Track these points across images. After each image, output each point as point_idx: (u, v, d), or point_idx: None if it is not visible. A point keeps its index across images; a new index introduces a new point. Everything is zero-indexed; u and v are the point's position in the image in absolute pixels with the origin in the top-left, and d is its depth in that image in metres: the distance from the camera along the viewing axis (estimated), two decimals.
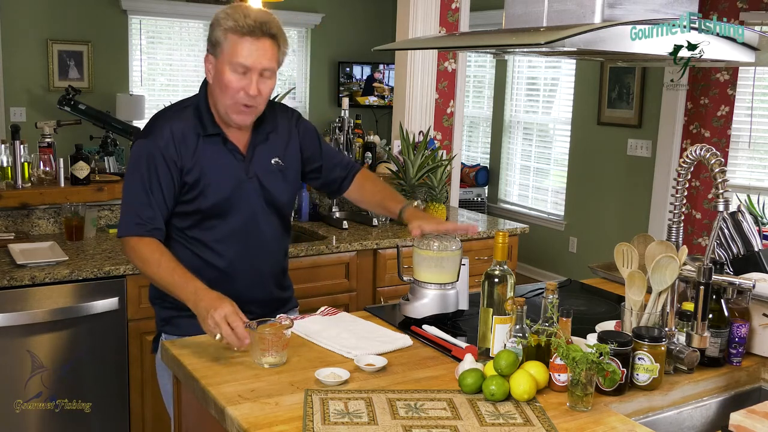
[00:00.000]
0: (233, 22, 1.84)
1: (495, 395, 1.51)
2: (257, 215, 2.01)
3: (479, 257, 3.32)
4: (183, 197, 1.94)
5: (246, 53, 1.84)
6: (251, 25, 1.83)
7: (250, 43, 1.84)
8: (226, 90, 1.87)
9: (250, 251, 2.02)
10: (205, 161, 1.93)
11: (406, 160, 3.52)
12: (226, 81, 1.86)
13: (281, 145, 2.06)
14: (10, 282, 2.45)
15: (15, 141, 3.02)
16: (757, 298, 1.83)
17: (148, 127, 1.96)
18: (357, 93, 7.50)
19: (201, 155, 1.93)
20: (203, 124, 1.94)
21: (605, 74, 5.67)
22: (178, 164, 1.91)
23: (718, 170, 1.73)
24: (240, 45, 1.84)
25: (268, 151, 2.03)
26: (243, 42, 1.84)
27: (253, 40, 1.84)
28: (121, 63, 6.50)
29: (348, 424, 1.40)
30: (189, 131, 1.93)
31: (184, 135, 1.92)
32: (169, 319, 2.03)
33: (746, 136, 5.03)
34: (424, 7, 3.88)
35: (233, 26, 1.84)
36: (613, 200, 5.74)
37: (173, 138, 1.91)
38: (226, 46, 1.85)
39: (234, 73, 1.85)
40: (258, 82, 1.87)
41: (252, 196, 1.99)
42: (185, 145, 1.92)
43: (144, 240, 1.88)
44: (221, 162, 1.95)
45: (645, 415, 1.62)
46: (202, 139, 1.94)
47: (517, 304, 1.66)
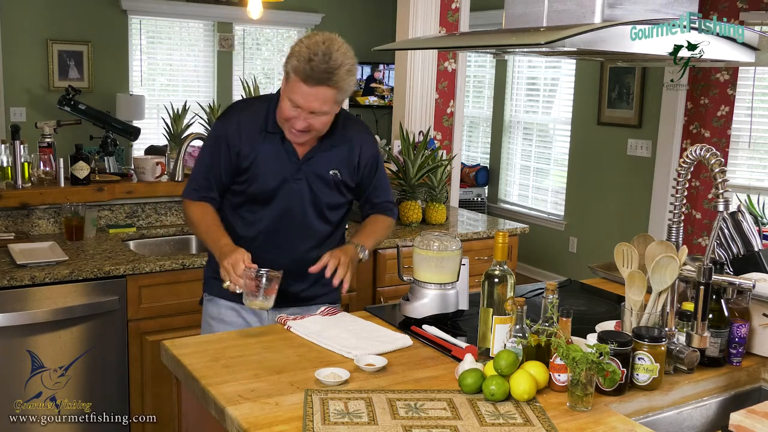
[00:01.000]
0: (302, 63, 1.90)
1: (495, 395, 1.51)
2: (297, 214, 2.13)
3: (479, 257, 3.32)
4: (237, 178, 2.13)
5: (300, 96, 1.94)
6: (312, 72, 1.90)
7: (307, 89, 1.92)
8: (281, 113, 2.02)
9: (284, 242, 2.15)
10: (261, 153, 2.09)
11: (406, 160, 3.52)
12: (283, 107, 2.00)
13: (344, 161, 2.16)
14: (10, 282, 2.45)
15: (15, 141, 3.02)
16: (757, 298, 1.83)
17: (225, 112, 2.19)
18: (357, 93, 7.50)
19: (259, 146, 2.09)
20: (267, 121, 2.09)
21: (605, 74, 5.67)
22: (237, 149, 2.09)
23: (718, 170, 1.73)
24: (298, 86, 1.93)
25: (328, 161, 2.13)
26: (300, 85, 1.92)
27: (310, 86, 1.92)
28: (121, 63, 6.50)
29: (348, 424, 1.40)
30: (255, 123, 2.10)
31: (249, 125, 2.10)
32: (207, 279, 2.27)
33: (746, 136, 5.03)
34: (424, 7, 3.88)
35: (298, 67, 1.91)
36: (613, 200, 5.74)
37: (239, 126, 2.10)
38: (289, 80, 1.96)
39: (290, 104, 1.97)
40: (308, 118, 1.97)
41: (296, 195, 2.12)
42: (248, 134, 2.09)
43: (196, 203, 2.15)
44: (274, 158, 2.09)
45: (645, 415, 1.62)
46: (265, 134, 2.10)
47: (517, 304, 1.66)
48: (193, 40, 6.94)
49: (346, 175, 2.17)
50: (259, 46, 7.34)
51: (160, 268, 2.69)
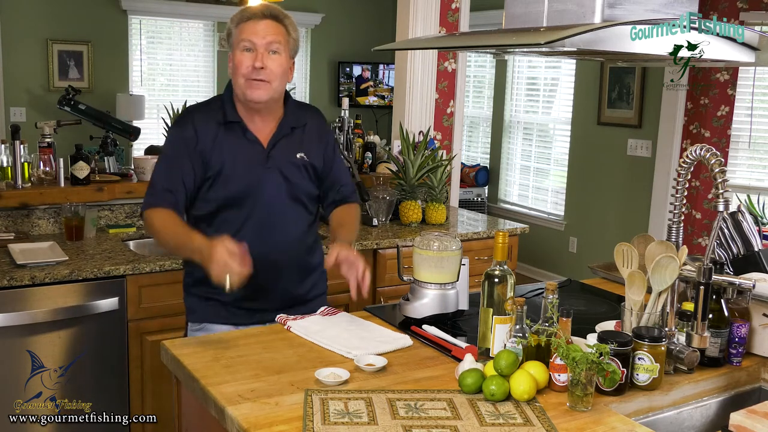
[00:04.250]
0: (240, 15, 2.04)
1: (495, 395, 1.51)
2: (277, 207, 2.08)
3: (479, 257, 3.32)
4: (204, 183, 2.05)
5: (250, 31, 2.00)
6: (255, 11, 2.02)
7: (254, 23, 2.01)
8: (237, 70, 2.01)
9: (268, 243, 2.06)
10: (224, 150, 2.04)
11: (406, 160, 3.52)
12: (237, 62, 2.01)
13: (308, 144, 2.14)
14: (10, 282, 2.45)
15: (15, 141, 3.02)
16: (757, 298, 1.83)
17: (177, 119, 2.16)
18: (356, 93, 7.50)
19: (221, 144, 2.04)
20: (225, 112, 2.06)
21: (605, 74, 5.67)
22: (198, 148, 2.03)
23: (718, 170, 1.73)
24: (245, 27, 2.01)
25: (292, 145, 2.11)
26: (248, 24, 2.01)
27: (257, 20, 2.01)
28: (121, 63, 6.50)
29: (348, 424, 1.40)
30: (210, 120, 2.06)
31: (205, 123, 2.06)
32: (192, 306, 2.16)
33: (746, 136, 5.03)
34: (424, 7, 3.88)
35: (240, 17, 2.03)
36: (613, 200, 5.74)
37: (194, 126, 2.05)
38: (235, 33, 2.03)
39: (243, 53, 2.00)
40: (264, 56, 1.99)
41: (272, 187, 2.06)
42: (206, 132, 2.04)
43: (155, 211, 2.01)
44: (240, 152, 2.05)
45: (645, 415, 1.62)
46: (223, 128, 2.05)
47: (517, 304, 1.66)
48: (193, 40, 6.94)
49: (313, 157, 2.13)
50: None
51: (160, 268, 2.69)
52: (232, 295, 1.97)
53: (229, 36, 2.07)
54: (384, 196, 3.45)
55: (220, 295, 1.97)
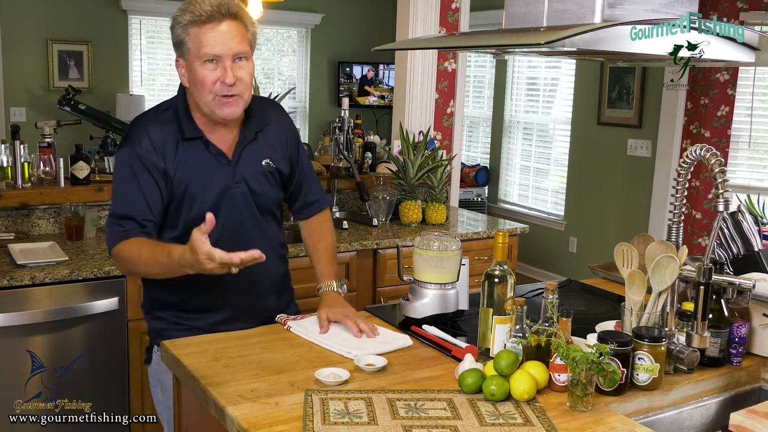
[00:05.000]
0: (190, 15, 1.75)
1: (495, 395, 1.51)
2: (246, 222, 1.92)
3: (479, 257, 3.32)
4: (169, 206, 1.86)
5: (212, 41, 1.74)
6: (208, 11, 1.74)
7: (213, 29, 1.74)
8: (202, 87, 1.77)
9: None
10: (187, 168, 1.84)
11: (406, 160, 3.52)
12: (201, 77, 1.76)
13: (272, 145, 1.96)
14: (10, 282, 2.45)
15: (15, 141, 3.02)
16: (757, 298, 1.83)
17: (127, 135, 1.87)
18: (357, 93, 7.50)
19: (183, 162, 1.83)
20: (182, 128, 1.85)
21: (605, 74, 5.67)
22: (160, 168, 1.81)
23: (718, 170, 1.73)
24: (203, 35, 1.74)
25: (258, 152, 1.93)
26: (205, 31, 1.74)
27: (214, 25, 1.74)
28: (121, 63, 6.50)
29: (348, 424, 1.40)
30: (168, 135, 1.83)
31: (163, 140, 1.83)
32: (160, 331, 1.97)
33: (746, 136, 5.03)
34: (424, 7, 3.88)
35: (191, 19, 1.75)
36: (613, 200, 5.74)
37: (152, 144, 1.81)
38: (190, 42, 1.76)
39: (205, 66, 1.76)
40: (233, 68, 1.76)
41: (240, 202, 1.90)
42: (164, 150, 1.82)
43: (125, 242, 1.78)
44: (204, 168, 1.85)
45: (645, 415, 1.61)
46: (182, 144, 1.84)
47: (517, 304, 1.66)
48: None
49: (278, 161, 1.97)
50: (259, 46, 7.33)
51: None
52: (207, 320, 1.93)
53: (180, 44, 1.78)
54: (384, 196, 3.45)
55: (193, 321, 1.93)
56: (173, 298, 1.95)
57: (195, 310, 1.96)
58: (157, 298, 1.99)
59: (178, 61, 1.83)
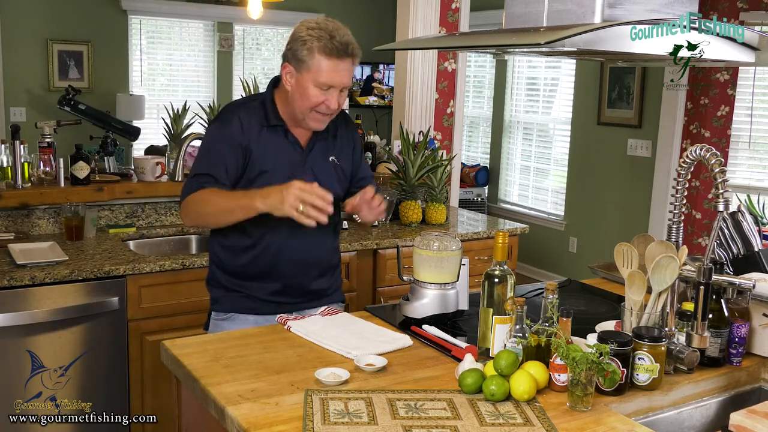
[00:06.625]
0: (320, 43, 1.96)
1: (495, 395, 1.51)
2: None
3: (479, 257, 3.32)
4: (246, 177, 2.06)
5: (332, 74, 1.97)
6: (338, 48, 1.96)
7: (336, 64, 1.97)
8: (307, 101, 2.00)
9: (299, 241, 2.10)
10: (266, 148, 2.07)
11: (406, 160, 3.52)
12: (310, 95, 1.99)
13: (339, 147, 2.19)
14: (10, 282, 2.45)
15: (15, 141, 3.02)
16: (757, 298, 1.83)
17: (219, 115, 2.13)
18: (357, 93, 7.50)
19: (264, 142, 2.07)
20: (267, 116, 2.08)
21: (605, 74, 5.67)
22: (243, 144, 2.04)
23: (718, 170, 1.73)
24: (326, 65, 1.96)
25: (327, 149, 2.16)
26: (329, 63, 1.96)
27: (338, 61, 1.97)
28: (121, 63, 6.50)
29: (348, 424, 1.40)
30: (254, 120, 2.08)
31: (250, 122, 2.07)
32: (218, 298, 2.17)
33: (746, 136, 5.03)
34: (424, 7, 3.88)
35: (320, 47, 1.96)
36: (613, 200, 5.74)
37: (241, 123, 2.06)
38: (312, 64, 1.97)
39: (318, 89, 1.99)
40: (338, 97, 2.02)
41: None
42: (250, 130, 2.06)
43: (200, 191, 1.99)
44: (281, 152, 2.09)
45: (645, 415, 1.62)
46: (265, 129, 2.08)
47: (517, 304, 1.66)
48: (193, 40, 6.94)
49: (343, 160, 2.20)
50: (259, 46, 7.34)
51: (160, 268, 2.69)
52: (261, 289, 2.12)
53: (299, 60, 1.98)
54: (384, 196, 3.44)
55: (249, 289, 2.12)
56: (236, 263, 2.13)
57: (252, 277, 2.13)
58: (222, 265, 2.16)
59: (287, 68, 2.03)
